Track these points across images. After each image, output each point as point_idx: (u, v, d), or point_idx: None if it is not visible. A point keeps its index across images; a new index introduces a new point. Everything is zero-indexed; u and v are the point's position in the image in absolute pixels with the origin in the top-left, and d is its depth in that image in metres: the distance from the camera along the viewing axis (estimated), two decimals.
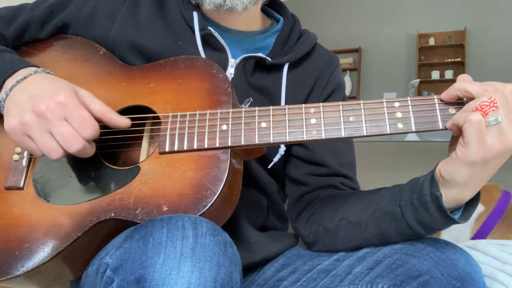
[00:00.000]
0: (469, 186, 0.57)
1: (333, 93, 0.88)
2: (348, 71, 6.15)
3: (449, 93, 0.58)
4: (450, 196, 0.58)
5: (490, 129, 0.53)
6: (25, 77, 0.66)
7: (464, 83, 0.57)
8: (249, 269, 0.82)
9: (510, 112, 0.54)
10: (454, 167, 0.56)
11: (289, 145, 0.84)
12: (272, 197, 0.87)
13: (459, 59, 5.71)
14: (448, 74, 5.74)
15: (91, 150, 0.64)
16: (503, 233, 1.18)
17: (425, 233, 0.63)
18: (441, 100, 0.59)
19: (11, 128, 0.63)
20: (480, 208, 1.28)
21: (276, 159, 0.82)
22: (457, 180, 0.56)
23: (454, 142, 0.58)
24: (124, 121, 0.66)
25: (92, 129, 0.62)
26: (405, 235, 0.64)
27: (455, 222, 0.59)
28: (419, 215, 0.61)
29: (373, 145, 1.82)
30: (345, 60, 6.05)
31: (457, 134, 0.56)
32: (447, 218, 0.58)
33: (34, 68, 0.68)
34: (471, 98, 0.56)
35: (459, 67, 5.74)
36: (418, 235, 0.64)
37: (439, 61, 5.84)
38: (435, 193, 0.58)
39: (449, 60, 5.78)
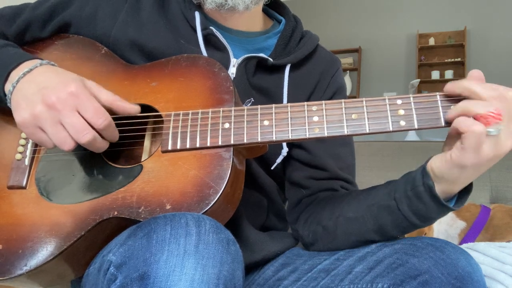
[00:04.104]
0: (458, 183, 0.59)
1: (334, 96, 0.88)
2: (348, 71, 6.15)
3: (453, 89, 0.58)
4: (440, 189, 0.60)
5: (488, 138, 0.53)
6: (31, 69, 0.66)
7: (472, 83, 0.56)
8: (249, 269, 0.82)
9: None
10: (447, 167, 0.57)
11: (290, 148, 0.84)
12: (273, 197, 0.87)
13: (459, 59, 5.71)
14: (448, 74, 5.73)
15: (102, 144, 0.64)
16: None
17: (422, 223, 0.64)
18: (444, 97, 0.59)
19: (22, 121, 0.63)
20: (461, 224, 1.39)
21: (279, 160, 0.82)
22: (447, 178, 0.58)
23: (451, 140, 0.59)
24: (134, 108, 0.67)
25: (103, 119, 0.62)
26: (402, 227, 0.66)
27: (449, 209, 0.61)
28: (414, 206, 0.62)
29: (373, 145, 1.82)
30: (345, 60, 6.04)
31: (454, 134, 0.57)
32: (441, 205, 0.60)
33: (39, 61, 0.69)
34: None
35: (459, 67, 5.74)
36: (415, 227, 0.65)
37: (439, 61, 5.83)
38: (427, 183, 0.60)
39: (449, 60, 5.78)
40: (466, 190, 0.62)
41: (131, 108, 0.67)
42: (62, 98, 0.61)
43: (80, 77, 0.66)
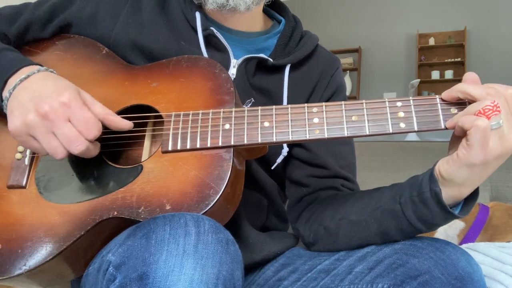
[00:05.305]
0: (467, 185, 0.58)
1: (334, 95, 0.89)
2: (348, 71, 6.15)
3: (450, 94, 0.58)
4: (448, 194, 0.59)
5: (491, 133, 0.53)
6: (28, 76, 0.66)
7: (465, 85, 0.57)
8: (249, 269, 0.82)
9: (511, 115, 0.54)
10: (454, 167, 0.57)
11: (290, 147, 0.84)
12: (272, 197, 0.87)
13: (459, 59, 5.71)
14: (448, 74, 5.74)
15: (94, 151, 0.64)
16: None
17: (426, 229, 0.63)
18: (443, 100, 0.59)
19: (14, 129, 0.63)
20: (460, 224, 1.35)
21: (279, 160, 0.82)
22: (456, 179, 0.57)
23: (455, 142, 0.59)
24: (126, 124, 0.66)
25: (95, 130, 0.62)
26: (406, 232, 0.65)
27: (455, 217, 0.60)
28: (419, 211, 0.62)
29: (373, 145, 1.82)
30: (345, 60, 6.04)
31: (460, 135, 0.57)
32: (447, 213, 0.59)
33: (37, 67, 0.68)
34: (473, 100, 0.56)
35: (459, 67, 5.74)
36: (419, 232, 0.64)
37: (439, 61, 5.84)
38: (434, 189, 0.59)
39: (449, 60, 5.78)
40: (472, 197, 0.61)
41: (123, 124, 0.66)
42: (54, 107, 0.61)
43: (76, 87, 0.65)
